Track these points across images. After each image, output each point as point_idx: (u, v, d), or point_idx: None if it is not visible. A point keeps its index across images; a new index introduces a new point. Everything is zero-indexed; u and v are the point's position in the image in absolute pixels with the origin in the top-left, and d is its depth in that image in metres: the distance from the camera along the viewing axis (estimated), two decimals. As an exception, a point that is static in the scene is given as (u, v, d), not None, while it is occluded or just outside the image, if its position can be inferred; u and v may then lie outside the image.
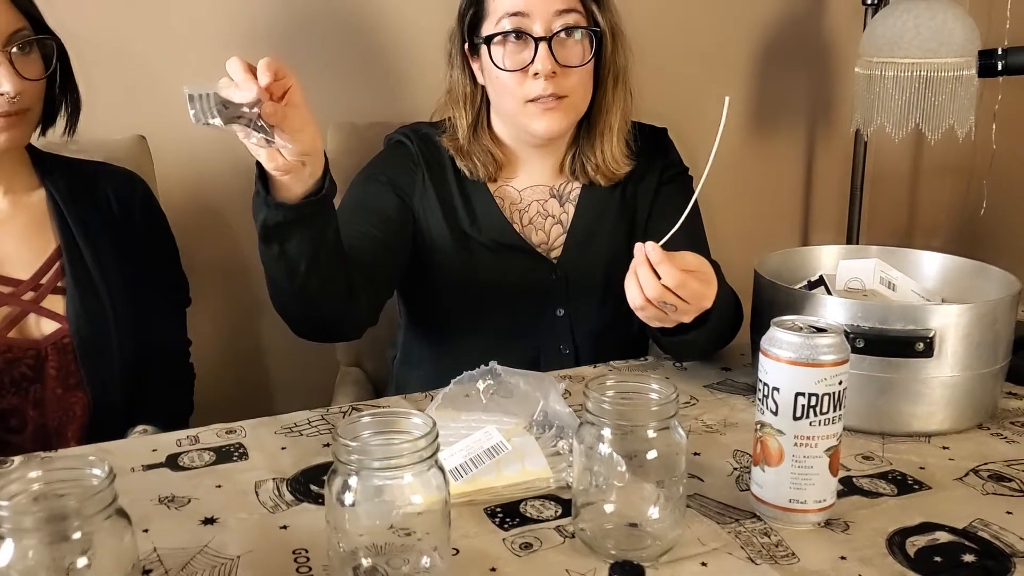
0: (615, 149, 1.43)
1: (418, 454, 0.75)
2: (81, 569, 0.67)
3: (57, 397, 1.25)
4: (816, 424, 0.88)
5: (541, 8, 1.31)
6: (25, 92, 1.17)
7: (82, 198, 1.31)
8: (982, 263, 1.24)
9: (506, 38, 1.33)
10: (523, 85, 1.33)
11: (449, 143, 1.44)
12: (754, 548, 0.87)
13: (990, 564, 0.85)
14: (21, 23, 1.17)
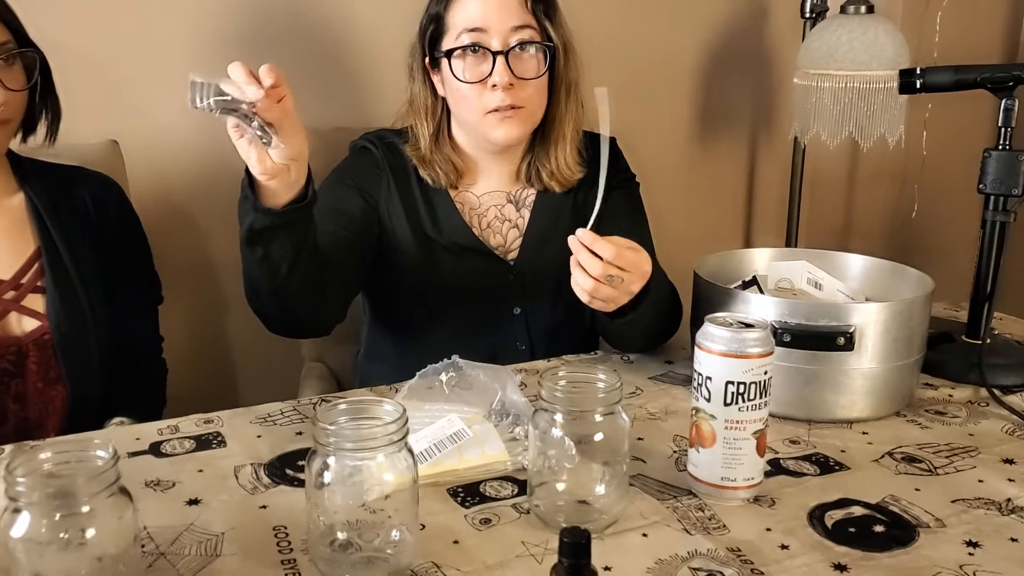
0: (568, 157, 1.53)
1: (389, 437, 0.84)
2: (88, 540, 0.75)
3: (38, 391, 1.32)
4: (744, 409, 0.98)
5: (498, 24, 1.40)
6: (8, 102, 1.23)
7: (60, 202, 1.37)
8: (901, 264, 1.36)
9: (466, 52, 1.41)
10: (482, 96, 1.42)
11: (412, 152, 1.52)
12: (689, 521, 0.97)
13: (897, 533, 0.96)
14: (6, 36, 1.23)
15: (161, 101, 1.84)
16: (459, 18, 1.42)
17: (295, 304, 1.26)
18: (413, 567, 0.88)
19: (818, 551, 0.92)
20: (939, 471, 1.09)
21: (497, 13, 1.40)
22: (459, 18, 1.42)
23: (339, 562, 0.87)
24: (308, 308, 1.29)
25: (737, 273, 1.40)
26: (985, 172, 1.37)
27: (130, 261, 1.46)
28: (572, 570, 0.74)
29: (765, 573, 0.88)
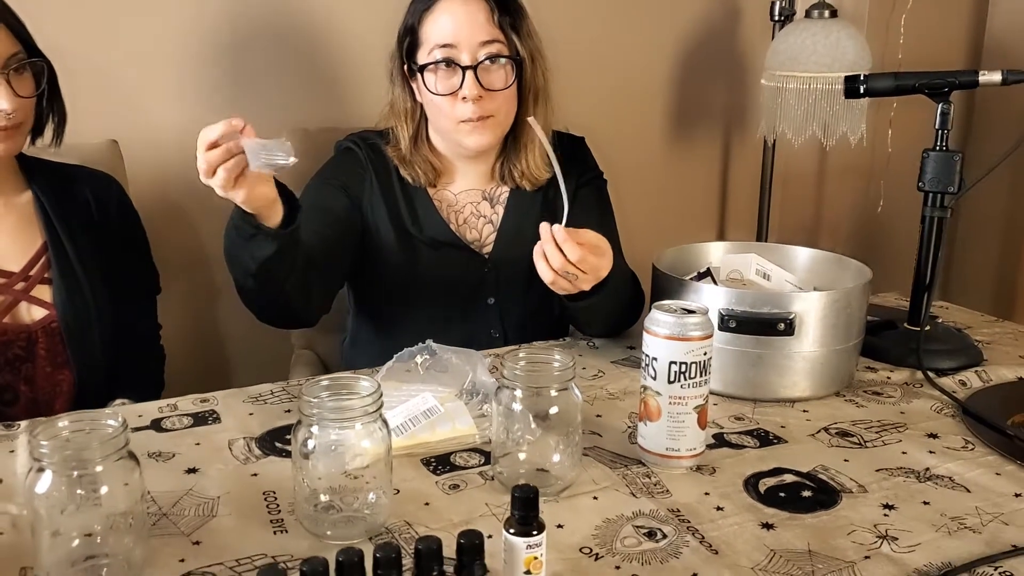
0: (536, 158, 1.63)
1: (365, 408, 0.95)
2: (101, 497, 0.86)
3: (46, 375, 1.42)
4: (686, 387, 1.09)
5: (467, 40, 1.50)
6: (19, 108, 1.34)
7: (64, 199, 1.47)
8: (841, 256, 1.47)
9: (438, 66, 1.51)
10: (454, 107, 1.52)
11: (393, 152, 1.62)
12: (636, 486, 1.08)
13: (822, 498, 1.07)
14: (16, 47, 1.33)
15: (157, 102, 1.94)
16: (431, 34, 1.52)
17: (286, 301, 1.37)
18: (388, 525, 0.99)
19: (749, 512, 1.03)
20: (868, 444, 1.20)
21: (466, 30, 1.50)
22: (431, 34, 1.52)
23: (321, 521, 0.98)
24: (296, 303, 1.40)
25: (694, 265, 1.51)
26: (924, 171, 1.48)
27: (130, 254, 1.56)
28: (522, 520, 0.85)
29: (700, 530, 0.99)
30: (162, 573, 0.91)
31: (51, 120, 1.44)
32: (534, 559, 0.85)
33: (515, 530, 0.85)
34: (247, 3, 2.00)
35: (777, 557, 0.94)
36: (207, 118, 2.00)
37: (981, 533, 1.00)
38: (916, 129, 2.59)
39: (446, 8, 1.51)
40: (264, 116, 2.03)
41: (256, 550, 0.95)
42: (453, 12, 1.50)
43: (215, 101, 2.01)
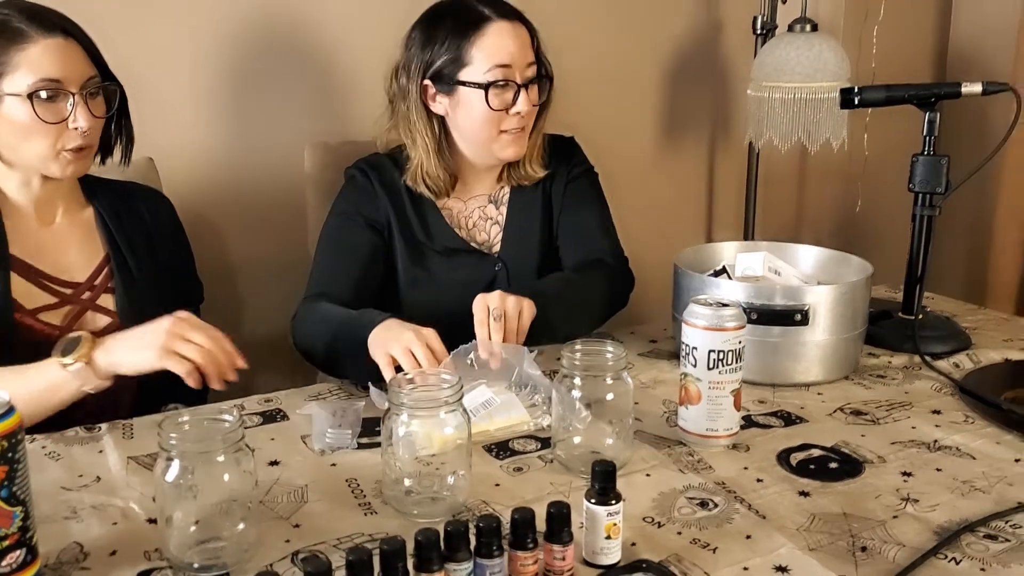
0: (534, 162, 1.75)
1: (448, 398, 1.06)
2: (226, 481, 0.96)
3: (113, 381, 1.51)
4: (724, 372, 1.21)
5: (520, 61, 1.62)
6: (92, 128, 1.43)
7: (122, 214, 1.56)
8: (846, 253, 1.61)
9: (498, 86, 1.61)
10: (502, 120, 1.63)
11: (410, 176, 1.71)
12: (682, 463, 1.20)
13: (848, 468, 1.19)
14: (93, 71, 1.42)
15: (190, 122, 2.04)
16: (488, 53, 1.61)
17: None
18: (467, 503, 1.09)
19: (786, 483, 1.15)
20: (880, 421, 1.33)
21: (519, 52, 1.62)
22: (488, 53, 1.61)
23: (407, 501, 1.08)
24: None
25: (708, 263, 1.63)
26: (914, 174, 1.62)
27: (179, 266, 1.66)
28: (602, 491, 0.97)
29: (746, 499, 1.11)
30: (272, 552, 1.00)
31: (119, 141, 1.52)
32: (613, 525, 0.97)
33: (596, 500, 0.97)
34: (272, 22, 2.10)
35: (817, 519, 1.06)
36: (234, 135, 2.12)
37: (990, 493, 1.13)
38: (890, 134, 2.76)
39: (500, 31, 1.61)
40: (288, 131, 2.14)
41: (352, 530, 1.05)
42: (508, 34, 1.62)
43: (241, 119, 2.10)
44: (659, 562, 0.98)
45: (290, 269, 2.16)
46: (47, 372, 1.28)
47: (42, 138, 1.38)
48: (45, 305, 1.47)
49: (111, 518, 1.07)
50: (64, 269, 1.50)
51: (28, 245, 1.48)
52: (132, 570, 0.97)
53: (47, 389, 1.28)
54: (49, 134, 1.38)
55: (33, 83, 1.35)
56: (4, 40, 1.35)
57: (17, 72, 1.35)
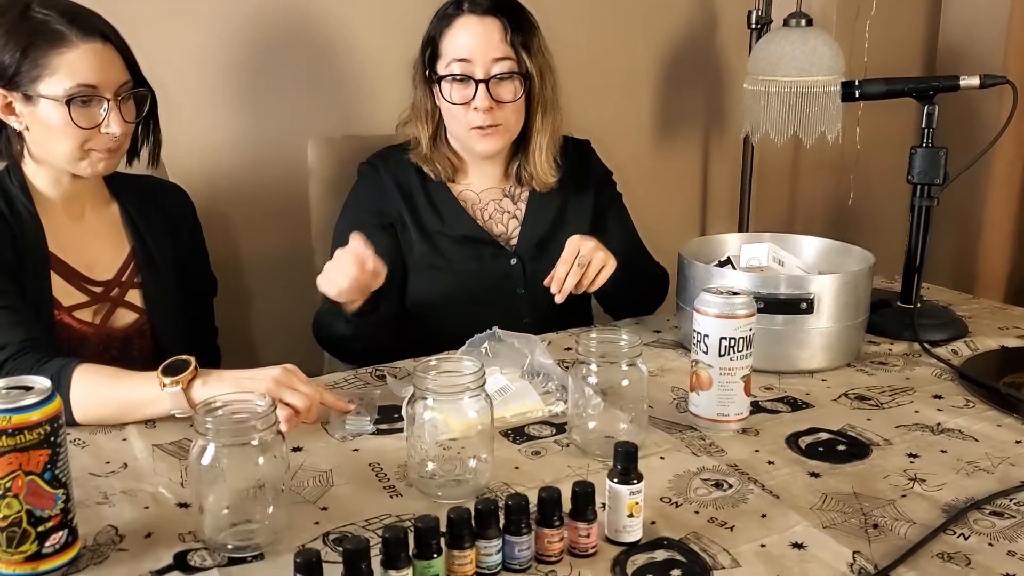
0: (543, 163, 1.77)
1: (470, 384, 1.08)
2: (259, 465, 0.99)
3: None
4: (734, 359, 1.24)
5: (482, 56, 1.65)
6: (124, 133, 1.44)
7: (145, 209, 1.58)
8: (847, 244, 1.64)
9: (454, 78, 1.66)
10: (467, 115, 1.67)
11: (414, 153, 1.77)
12: (695, 447, 1.23)
13: (855, 450, 1.23)
14: (127, 76, 1.43)
15: (193, 117, 2.05)
16: (450, 48, 1.67)
17: (379, 346, 1.61)
18: (490, 485, 1.13)
19: (797, 465, 1.19)
20: (884, 406, 1.37)
21: (481, 47, 1.65)
22: (450, 48, 1.67)
23: (431, 484, 1.11)
24: (387, 343, 1.63)
25: (712, 254, 1.67)
26: (912, 166, 1.66)
27: (197, 260, 1.68)
28: (624, 471, 1.00)
29: (759, 480, 1.14)
30: (302, 535, 1.03)
31: (147, 143, 1.54)
32: (635, 504, 1.00)
33: (618, 479, 1.00)
34: (277, 17, 2.12)
35: (829, 499, 1.10)
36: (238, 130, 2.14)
37: (993, 473, 1.17)
38: (881, 128, 2.81)
39: (464, 25, 1.66)
40: (291, 125, 2.16)
41: (379, 511, 1.08)
42: (471, 30, 1.66)
43: (245, 113, 2.12)
44: (679, 539, 1.01)
45: (294, 262, 2.19)
46: (145, 387, 1.27)
47: (72, 140, 1.39)
48: (79, 303, 1.49)
49: (142, 502, 1.09)
50: (92, 266, 1.52)
51: (61, 242, 1.49)
52: (168, 551, 0.99)
53: (140, 403, 1.28)
54: (79, 137, 1.39)
55: (70, 88, 1.37)
56: (43, 42, 1.36)
57: (55, 76, 1.37)
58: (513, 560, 0.96)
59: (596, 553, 0.99)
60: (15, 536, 0.92)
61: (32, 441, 0.90)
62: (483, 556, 0.94)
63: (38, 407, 0.91)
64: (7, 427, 0.89)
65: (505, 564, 0.96)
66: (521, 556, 0.96)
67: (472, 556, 0.93)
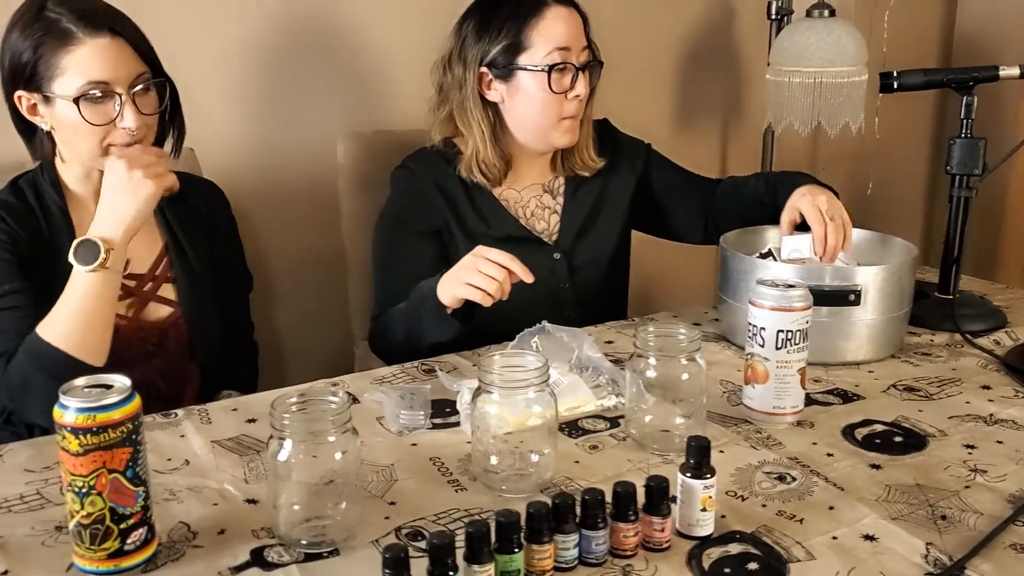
0: (591, 148, 1.79)
1: (534, 379, 1.08)
2: (337, 460, 0.99)
3: (176, 368, 1.53)
4: (791, 352, 1.25)
5: (576, 44, 1.66)
6: (143, 126, 1.43)
7: (179, 204, 1.57)
8: (889, 235, 1.65)
9: (555, 68, 1.65)
10: (561, 105, 1.67)
11: (463, 165, 1.73)
12: (752, 440, 1.24)
13: (912, 442, 1.24)
14: (143, 68, 1.43)
15: (223, 113, 2.05)
16: (547, 37, 1.64)
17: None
18: (553, 480, 1.13)
19: (856, 457, 1.19)
20: (934, 397, 1.38)
21: (575, 36, 1.66)
22: (547, 37, 1.64)
23: (495, 478, 1.12)
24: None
25: (753, 246, 1.67)
26: (951, 156, 1.66)
27: (231, 255, 1.68)
28: (697, 466, 1.00)
29: (821, 472, 1.15)
30: (373, 529, 1.03)
31: (171, 135, 1.53)
32: (708, 498, 1.00)
33: (691, 474, 1.00)
34: (305, 13, 2.12)
35: (893, 490, 1.11)
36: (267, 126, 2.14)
37: (1053, 464, 1.17)
38: (899, 118, 2.82)
39: (557, 15, 1.65)
40: (320, 121, 2.15)
41: (447, 506, 1.08)
42: (564, 19, 1.66)
43: (273, 110, 2.12)
44: (751, 532, 1.02)
45: (323, 259, 2.20)
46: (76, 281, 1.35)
47: (91, 137, 1.39)
48: None
49: (210, 499, 1.09)
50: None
51: None
52: (243, 547, 0.99)
53: (84, 294, 1.35)
54: (96, 133, 1.39)
55: (81, 86, 1.36)
56: (53, 42, 1.36)
57: (66, 75, 1.36)
58: (590, 554, 0.96)
59: (670, 547, 0.99)
60: (98, 533, 0.92)
61: (115, 439, 0.90)
62: (561, 550, 0.95)
63: (120, 405, 0.91)
64: (92, 425, 0.89)
65: (581, 558, 0.96)
66: (597, 550, 0.96)
67: (551, 550, 0.94)
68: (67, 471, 0.91)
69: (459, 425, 1.28)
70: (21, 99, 1.42)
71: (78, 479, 0.91)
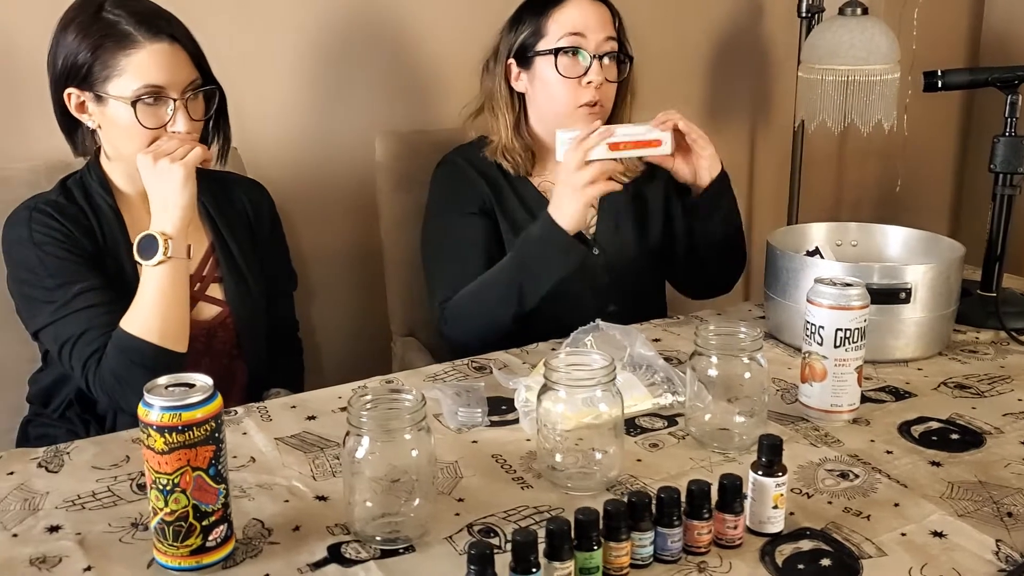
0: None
1: (601, 378, 1.09)
2: (412, 457, 1.00)
3: (224, 367, 1.54)
4: (849, 350, 1.26)
5: (595, 33, 1.67)
6: (193, 130, 1.45)
7: (224, 204, 1.59)
8: (936, 234, 1.65)
9: (566, 53, 1.67)
10: (575, 92, 1.68)
11: (490, 151, 1.76)
12: (812, 438, 1.25)
13: (969, 439, 1.24)
14: (195, 75, 1.44)
15: (262, 113, 2.06)
16: (562, 23, 1.67)
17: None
18: (619, 478, 1.14)
19: (915, 454, 1.20)
20: (985, 394, 1.38)
21: (594, 23, 1.67)
22: (562, 23, 1.67)
23: (560, 475, 1.13)
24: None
25: (798, 243, 1.68)
26: (995, 155, 1.66)
27: (277, 254, 1.69)
28: (769, 464, 1.01)
29: (883, 470, 1.16)
30: (445, 526, 1.04)
31: (216, 140, 1.54)
32: (780, 496, 1.01)
33: (763, 472, 1.01)
34: (345, 11, 2.12)
35: (956, 488, 1.11)
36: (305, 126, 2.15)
37: (1112, 461, 1.18)
38: (928, 115, 2.82)
39: (577, 4, 1.68)
40: (359, 120, 2.16)
41: (515, 503, 1.09)
42: (583, 7, 1.68)
43: (312, 109, 2.13)
44: (821, 529, 1.03)
45: (361, 258, 2.21)
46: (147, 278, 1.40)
47: (140, 139, 1.40)
48: None
49: (280, 496, 1.10)
50: None
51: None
52: (320, 544, 1.00)
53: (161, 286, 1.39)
54: (146, 136, 1.40)
55: (137, 89, 1.38)
56: (112, 43, 1.37)
57: (123, 77, 1.38)
58: (665, 551, 0.97)
59: (742, 544, 1.00)
60: (181, 530, 0.93)
61: (199, 437, 0.91)
62: (637, 547, 0.96)
63: (204, 404, 0.92)
64: (177, 424, 0.90)
65: (657, 555, 0.97)
66: (673, 547, 0.97)
67: (628, 548, 0.95)
68: (151, 468, 0.92)
69: (517, 423, 1.29)
70: (71, 96, 1.43)
71: (163, 476, 0.92)
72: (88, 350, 1.38)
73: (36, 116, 1.69)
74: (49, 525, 1.04)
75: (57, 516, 1.06)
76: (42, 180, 1.61)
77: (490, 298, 1.63)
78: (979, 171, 2.95)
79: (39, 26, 1.50)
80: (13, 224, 1.44)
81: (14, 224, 1.44)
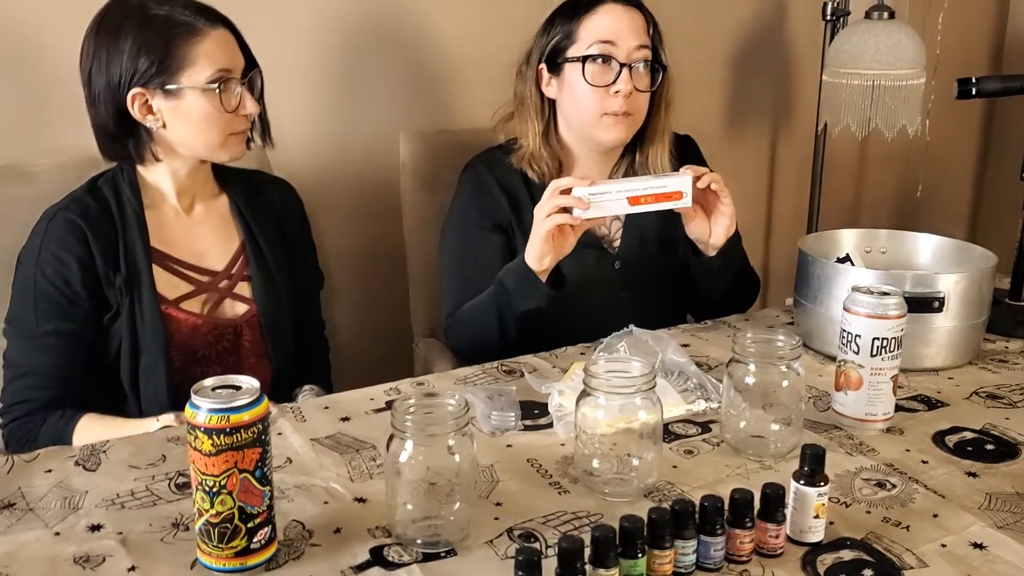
0: (664, 159, 1.78)
1: (641, 385, 1.09)
2: (455, 461, 1.00)
3: (251, 365, 1.54)
4: (886, 359, 1.25)
5: (626, 41, 1.66)
6: (252, 114, 1.46)
7: (255, 203, 1.59)
8: (968, 243, 1.65)
9: (595, 60, 1.66)
10: (603, 100, 1.67)
11: (516, 157, 1.76)
12: (847, 447, 1.25)
13: (1004, 449, 1.24)
14: (243, 62, 1.46)
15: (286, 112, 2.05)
16: (592, 30, 1.67)
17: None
18: (656, 484, 1.14)
19: (951, 464, 1.20)
20: (1018, 404, 1.38)
21: (626, 31, 1.66)
22: (592, 30, 1.67)
23: (597, 481, 1.13)
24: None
25: (827, 250, 1.68)
26: (1027, 163, 1.66)
27: (305, 253, 1.69)
28: (811, 473, 1.01)
29: (919, 480, 1.16)
30: (485, 531, 1.04)
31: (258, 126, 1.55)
32: (822, 505, 1.01)
33: (805, 481, 1.01)
34: (368, 10, 2.12)
35: (994, 499, 1.11)
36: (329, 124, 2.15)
37: None
38: (949, 121, 2.82)
39: (609, 11, 1.67)
40: (383, 119, 2.16)
41: (553, 508, 1.09)
42: (615, 15, 1.67)
43: (336, 108, 2.13)
44: (861, 539, 1.03)
45: (384, 257, 2.21)
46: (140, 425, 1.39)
47: (217, 126, 1.42)
48: (185, 294, 1.50)
49: (319, 498, 1.11)
50: (202, 257, 1.53)
51: (167, 234, 1.51)
52: (362, 547, 1.01)
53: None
54: (223, 121, 1.42)
55: (211, 75, 1.40)
56: (179, 34, 1.38)
57: (196, 65, 1.39)
58: (707, 560, 0.97)
59: (783, 553, 1.00)
60: (227, 532, 0.93)
61: (247, 440, 0.92)
62: (680, 555, 0.96)
63: (251, 407, 0.92)
64: (225, 426, 0.90)
65: (699, 563, 0.97)
66: (715, 556, 0.97)
67: (671, 556, 0.95)
68: (198, 470, 0.92)
69: (550, 427, 1.29)
70: (135, 98, 1.41)
71: (209, 478, 0.92)
72: (21, 396, 1.43)
73: (63, 112, 1.69)
74: (90, 524, 1.04)
75: (97, 515, 1.06)
76: (70, 176, 1.61)
77: (478, 322, 1.66)
78: (1000, 177, 2.96)
79: (67, 23, 1.51)
80: (35, 231, 1.45)
81: (35, 231, 1.45)
